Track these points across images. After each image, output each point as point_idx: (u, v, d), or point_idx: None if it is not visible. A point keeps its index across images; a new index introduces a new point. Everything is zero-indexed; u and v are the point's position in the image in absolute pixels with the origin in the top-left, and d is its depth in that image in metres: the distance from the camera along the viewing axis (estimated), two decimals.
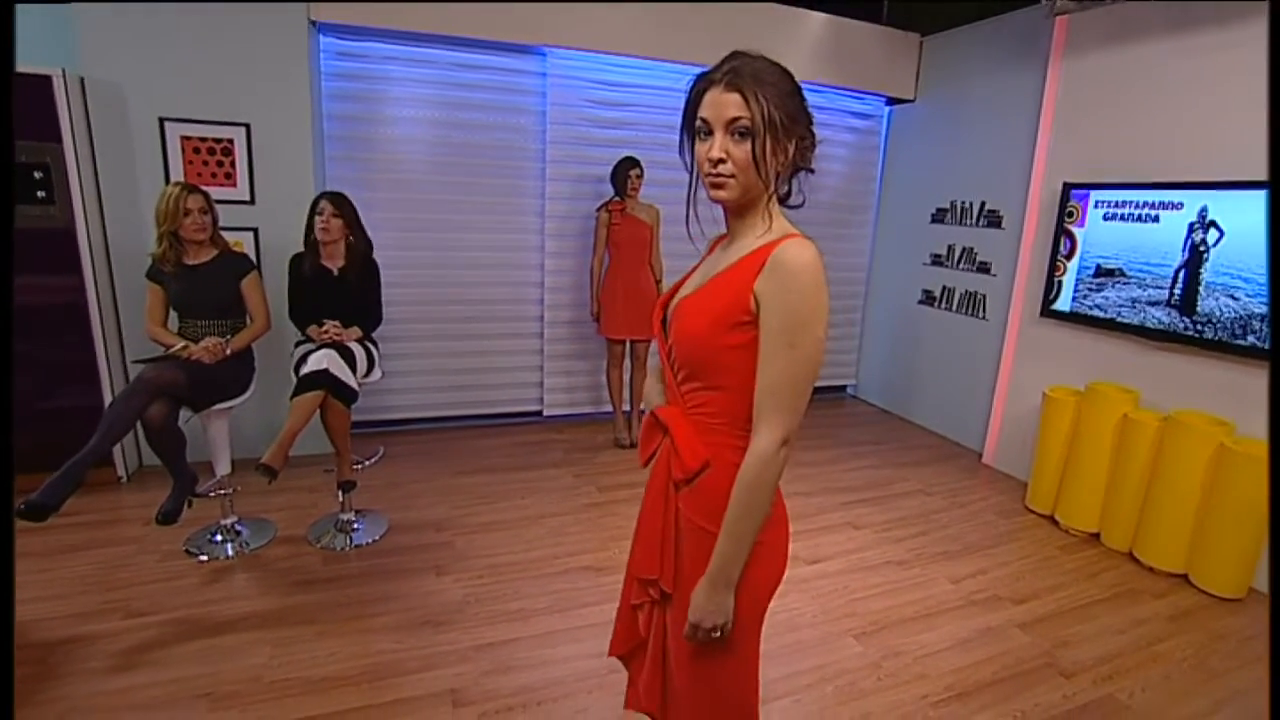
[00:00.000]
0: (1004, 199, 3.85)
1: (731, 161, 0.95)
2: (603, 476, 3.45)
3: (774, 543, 1.06)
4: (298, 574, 2.45)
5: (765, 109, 0.93)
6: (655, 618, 1.16)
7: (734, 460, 0.99)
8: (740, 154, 0.94)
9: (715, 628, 1.01)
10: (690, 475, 1.04)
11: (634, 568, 1.16)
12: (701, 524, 1.04)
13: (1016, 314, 3.68)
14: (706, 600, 1.00)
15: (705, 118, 0.96)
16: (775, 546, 1.07)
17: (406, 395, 3.91)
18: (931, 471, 3.77)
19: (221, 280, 2.42)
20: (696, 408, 1.04)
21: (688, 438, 1.04)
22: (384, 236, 3.63)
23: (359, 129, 3.55)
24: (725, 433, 1.01)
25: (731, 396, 0.98)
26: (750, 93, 0.93)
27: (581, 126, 3.87)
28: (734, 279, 0.97)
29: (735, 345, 0.95)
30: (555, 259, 3.99)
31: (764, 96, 0.93)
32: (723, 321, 0.96)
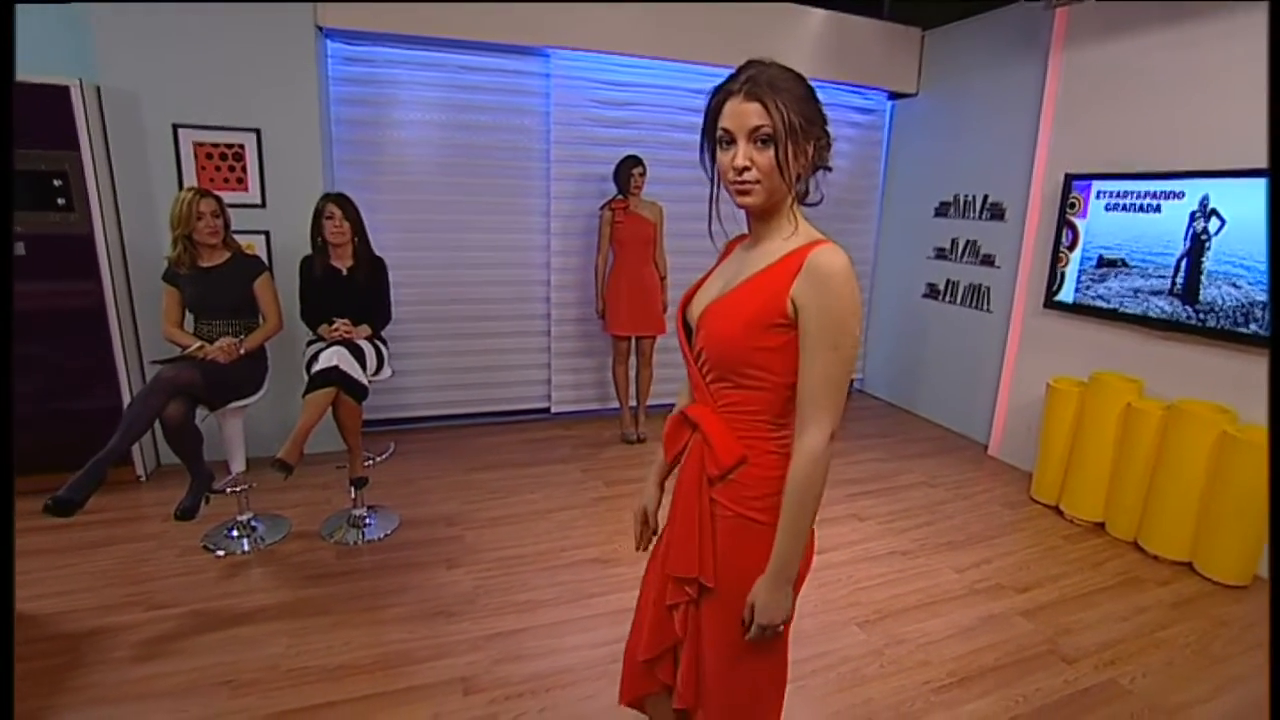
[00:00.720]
0: (1007, 191, 3.85)
1: (756, 168, 0.98)
2: (609, 471, 3.50)
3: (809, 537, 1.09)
4: (312, 568, 2.51)
5: (785, 115, 0.96)
6: (691, 616, 1.16)
7: (769, 450, 1.04)
8: (764, 161, 0.97)
9: (780, 624, 1.05)
10: (725, 470, 1.06)
11: (671, 567, 1.16)
12: (741, 512, 1.06)
13: (1020, 306, 3.69)
14: (770, 598, 1.03)
15: (727, 127, 0.99)
16: (809, 541, 1.09)
17: (417, 394, 3.98)
18: (937, 463, 3.79)
19: (235, 282, 2.49)
20: (729, 405, 1.06)
21: (722, 434, 1.06)
22: (391, 238, 3.71)
23: (366, 132, 3.61)
24: (761, 428, 1.04)
25: (766, 394, 1.02)
26: (770, 101, 0.96)
27: (585, 126, 3.91)
28: (767, 283, 1.00)
29: (770, 347, 0.99)
30: (561, 257, 4.04)
31: (782, 104, 0.96)
32: (757, 324, 0.99)
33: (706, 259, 1.26)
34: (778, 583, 1.02)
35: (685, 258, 4.08)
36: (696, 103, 4.21)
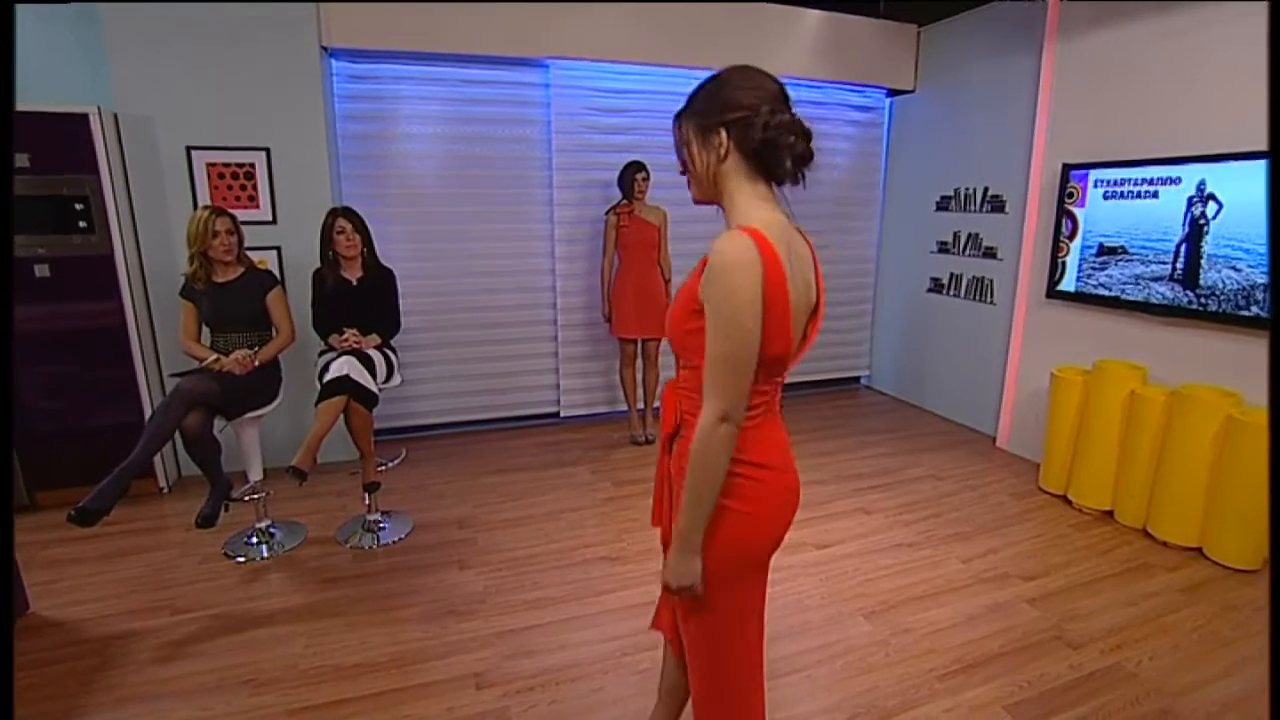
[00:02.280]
0: (1006, 183, 3.86)
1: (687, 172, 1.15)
2: (619, 472, 3.54)
3: (749, 513, 1.10)
4: (328, 572, 2.58)
5: (684, 124, 1.11)
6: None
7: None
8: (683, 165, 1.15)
9: (684, 589, 1.10)
10: (667, 437, 1.21)
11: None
12: (679, 480, 1.15)
13: (1023, 297, 3.69)
14: (673, 561, 1.10)
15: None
16: (751, 517, 1.10)
17: (428, 401, 4.06)
18: (944, 457, 3.79)
19: (249, 296, 2.57)
20: (682, 382, 1.18)
21: (669, 406, 1.21)
22: (399, 249, 3.80)
23: (372, 147, 3.70)
24: (697, 404, 1.09)
25: (698, 373, 1.07)
26: (677, 117, 1.14)
27: (586, 134, 3.98)
28: (696, 271, 1.08)
29: (694, 330, 1.06)
30: (566, 263, 4.10)
31: (685, 117, 1.11)
32: (685, 309, 1.08)
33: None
34: (679, 548, 1.08)
35: (690, 260, 4.13)
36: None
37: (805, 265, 1.09)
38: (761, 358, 1.02)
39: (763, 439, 1.11)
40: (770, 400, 1.12)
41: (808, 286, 1.08)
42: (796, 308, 1.04)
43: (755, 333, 0.99)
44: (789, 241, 1.05)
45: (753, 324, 0.98)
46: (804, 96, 4.49)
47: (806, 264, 1.10)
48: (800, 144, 1.06)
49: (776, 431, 1.15)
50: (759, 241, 0.98)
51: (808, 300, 1.09)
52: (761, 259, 0.98)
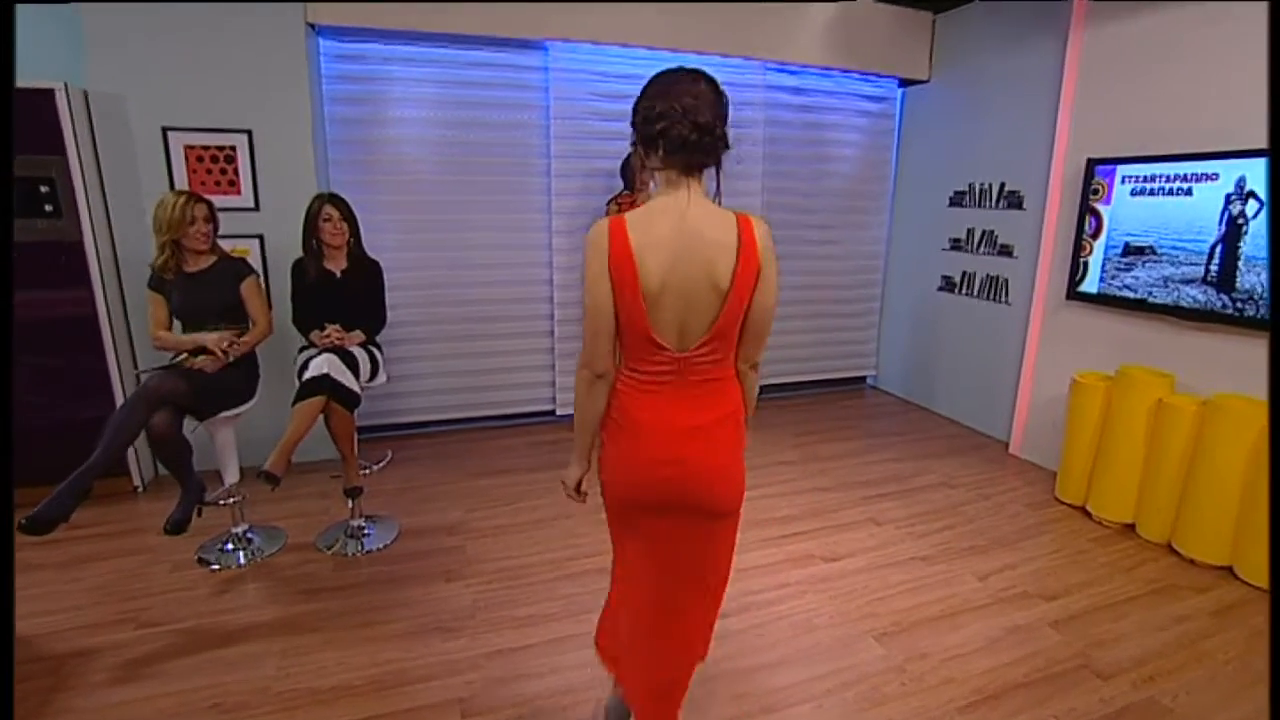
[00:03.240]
0: (1025, 179, 3.70)
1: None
2: None
3: (608, 456, 1.32)
4: (307, 582, 2.43)
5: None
6: None
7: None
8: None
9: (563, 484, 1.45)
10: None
11: None
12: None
13: (1041, 297, 3.53)
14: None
15: None
16: (609, 460, 1.31)
17: (418, 398, 3.90)
18: (956, 463, 3.65)
19: (221, 285, 2.40)
20: None
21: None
22: (389, 239, 3.62)
23: (361, 132, 3.52)
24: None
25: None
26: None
27: (586, 120, 3.81)
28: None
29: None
30: (564, 255, 3.94)
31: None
32: None
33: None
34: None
35: None
36: None
37: (710, 244, 1.17)
38: (619, 328, 1.22)
39: (642, 403, 1.25)
40: (663, 376, 1.23)
41: (702, 264, 1.17)
42: (663, 285, 1.16)
43: (601, 303, 1.19)
44: (673, 223, 1.17)
45: (599, 295, 1.19)
46: (814, 85, 4.32)
47: (714, 247, 1.18)
48: (678, 128, 1.17)
49: (665, 407, 1.24)
50: (612, 226, 1.18)
51: (704, 279, 1.17)
52: (609, 241, 1.17)
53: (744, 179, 4.17)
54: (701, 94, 1.19)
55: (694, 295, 1.17)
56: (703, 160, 1.21)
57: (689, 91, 1.18)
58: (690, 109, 1.17)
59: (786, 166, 4.30)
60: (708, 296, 1.18)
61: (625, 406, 1.26)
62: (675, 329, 1.20)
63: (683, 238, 1.17)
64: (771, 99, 4.18)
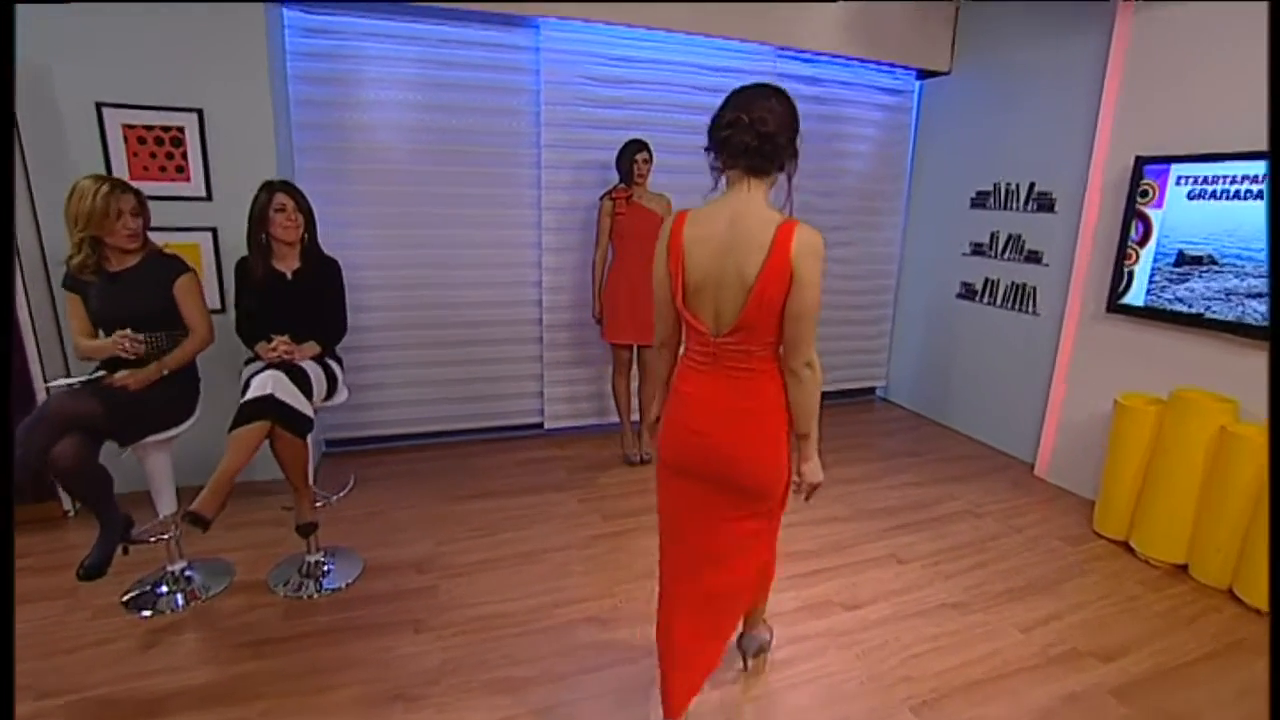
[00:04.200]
0: (1058, 179, 3.40)
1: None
2: (609, 502, 3.06)
3: (664, 416, 1.51)
4: (251, 632, 2.09)
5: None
6: None
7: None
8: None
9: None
10: None
11: None
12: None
13: (1075, 309, 3.24)
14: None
15: None
16: (664, 419, 1.51)
17: (392, 410, 3.55)
18: (979, 487, 3.35)
19: (149, 287, 2.05)
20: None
21: None
22: (362, 234, 3.28)
23: (331, 115, 3.17)
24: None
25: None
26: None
27: (580, 107, 3.47)
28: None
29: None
30: (555, 255, 3.60)
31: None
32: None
33: None
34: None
35: None
36: (707, 80, 3.77)
37: (748, 240, 1.31)
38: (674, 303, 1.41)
39: (685, 377, 1.46)
40: (703, 356, 1.41)
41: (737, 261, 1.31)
42: (705, 274, 1.34)
43: (660, 277, 1.41)
44: (726, 220, 1.33)
45: (659, 272, 1.41)
46: (829, 75, 4.00)
47: (752, 245, 1.30)
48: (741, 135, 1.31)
49: (701, 383, 1.42)
50: (677, 218, 1.39)
51: (735, 274, 1.32)
52: (671, 230, 1.38)
53: None
54: (772, 108, 1.32)
55: (725, 286, 1.33)
56: (763, 165, 1.34)
57: (761, 105, 1.31)
58: (758, 120, 1.30)
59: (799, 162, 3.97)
60: (736, 290, 1.32)
61: (676, 381, 1.49)
62: (711, 314, 1.37)
63: (731, 235, 1.33)
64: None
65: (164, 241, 2.25)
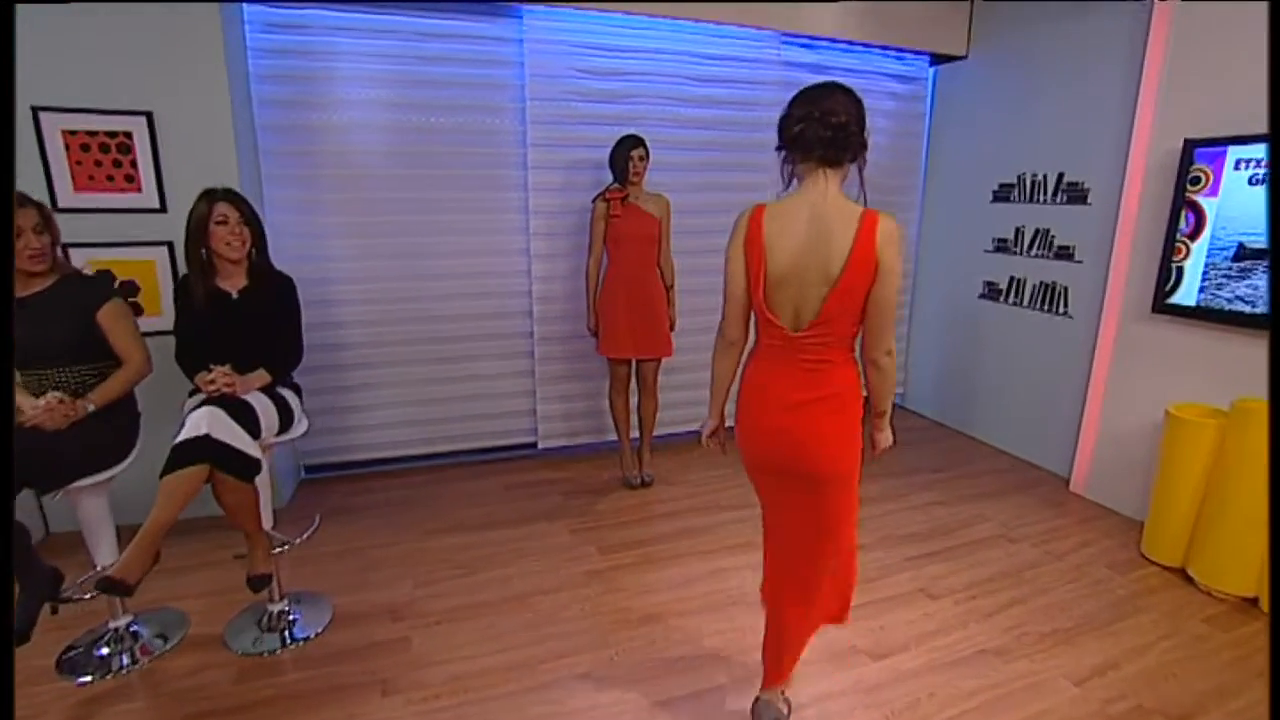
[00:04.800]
0: (1090, 168, 3.12)
1: None
2: (606, 532, 2.80)
3: (738, 415, 1.54)
4: (200, 699, 1.85)
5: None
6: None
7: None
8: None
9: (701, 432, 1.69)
10: None
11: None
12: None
13: (1114, 309, 2.95)
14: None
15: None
16: (738, 418, 1.54)
17: (375, 433, 3.31)
18: (1011, 506, 3.06)
19: (65, 315, 1.80)
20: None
21: None
22: (336, 244, 3.05)
23: (299, 115, 2.93)
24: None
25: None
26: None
27: (569, 102, 3.22)
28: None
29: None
30: (545, 262, 3.35)
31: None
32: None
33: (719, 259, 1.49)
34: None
35: (694, 259, 3.38)
36: (706, 70, 3.48)
37: (832, 233, 1.32)
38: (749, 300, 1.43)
39: (757, 374, 1.47)
40: (776, 352, 1.42)
41: (821, 255, 1.32)
42: (787, 269, 1.35)
43: (735, 274, 1.42)
44: (807, 214, 1.35)
45: (735, 272, 1.42)
46: (836, 62, 3.73)
47: (831, 236, 1.32)
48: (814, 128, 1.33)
49: (774, 380, 1.43)
50: (752, 214, 1.40)
51: (819, 268, 1.33)
52: (747, 226, 1.39)
53: (754, 170, 3.58)
54: (838, 99, 1.34)
55: (808, 282, 1.33)
56: (838, 155, 1.34)
57: (827, 97, 1.34)
58: (828, 111, 1.32)
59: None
60: (819, 285, 1.33)
61: (749, 375, 1.48)
62: (791, 310, 1.37)
63: (813, 230, 1.33)
64: (788, 77, 3.59)
65: (112, 259, 2.01)
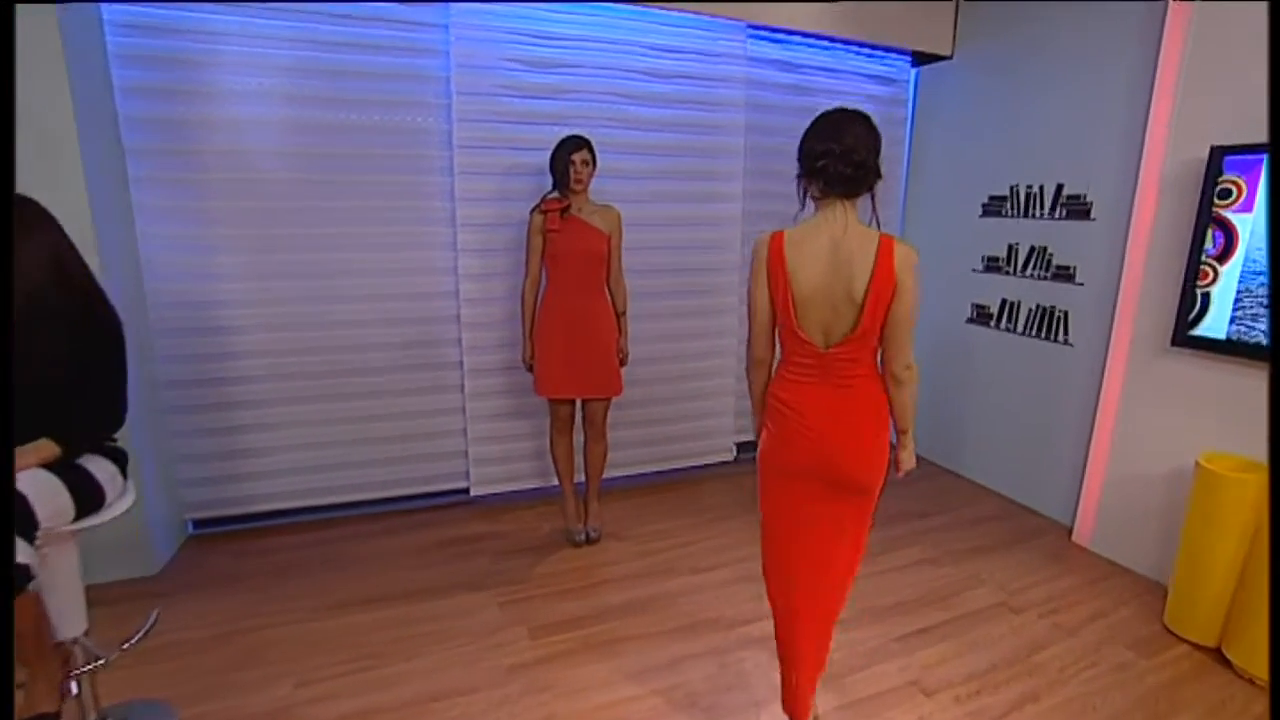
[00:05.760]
0: (1094, 179, 2.78)
1: None
2: (541, 605, 2.34)
3: (772, 432, 1.56)
4: None
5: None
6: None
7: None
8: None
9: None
10: None
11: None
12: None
13: (1124, 339, 2.60)
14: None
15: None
16: (773, 435, 1.55)
17: (278, 480, 2.81)
18: (1009, 563, 2.68)
19: None
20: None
21: None
22: (228, 262, 2.60)
23: (174, 108, 2.45)
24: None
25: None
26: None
27: (503, 97, 2.79)
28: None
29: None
30: (477, 282, 2.90)
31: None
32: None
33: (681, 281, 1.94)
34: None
35: (647, 279, 2.97)
36: (662, 64, 3.00)
37: (852, 259, 1.38)
38: (777, 325, 1.50)
39: (790, 388, 1.50)
40: (809, 368, 1.47)
41: (844, 279, 1.39)
42: (813, 292, 1.41)
43: (759, 299, 1.49)
44: (827, 242, 1.41)
45: (759, 296, 1.49)
46: (808, 59, 3.36)
47: (853, 262, 1.38)
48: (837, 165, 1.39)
49: (809, 392, 1.47)
50: (772, 241, 1.45)
51: (844, 292, 1.39)
52: (769, 252, 1.45)
53: (717, 179, 3.19)
54: (858, 133, 1.40)
55: (836, 304, 1.41)
56: (857, 190, 1.42)
57: (848, 131, 1.40)
58: (850, 149, 1.38)
59: (773, 164, 3.30)
60: (846, 306, 1.40)
61: (780, 394, 1.52)
62: (821, 330, 1.44)
63: (836, 255, 1.40)
64: (755, 75, 3.21)
65: None
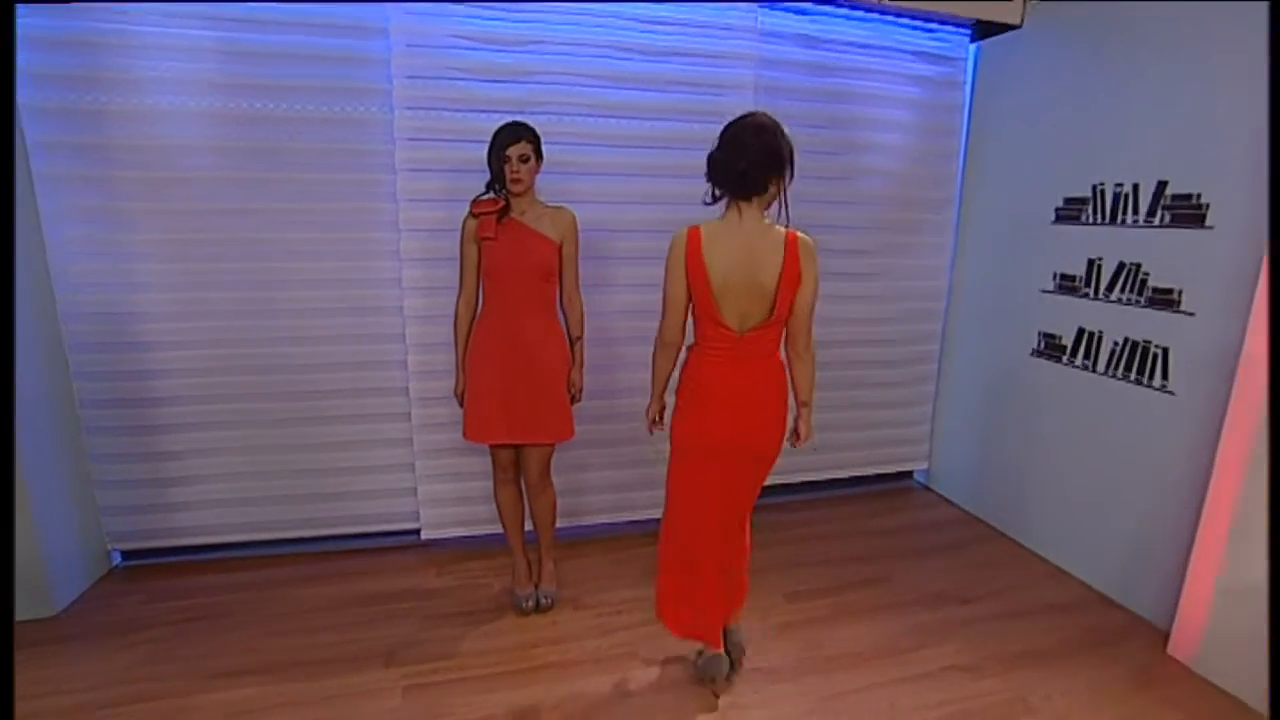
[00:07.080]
0: (1210, 173, 2.10)
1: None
2: (453, 695, 1.89)
3: (684, 406, 1.75)
4: None
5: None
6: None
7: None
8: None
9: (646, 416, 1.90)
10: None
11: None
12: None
13: (1253, 388, 1.90)
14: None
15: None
16: (681, 410, 1.75)
17: (205, 511, 2.52)
18: (1077, 684, 2.02)
19: None
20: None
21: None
22: (151, 270, 2.36)
23: (83, 96, 2.19)
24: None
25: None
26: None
27: (452, 80, 2.38)
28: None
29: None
30: (424, 296, 2.51)
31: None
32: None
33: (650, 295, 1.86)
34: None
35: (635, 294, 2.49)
36: (653, 41, 2.47)
37: (761, 254, 1.60)
38: (695, 312, 1.68)
39: (709, 370, 1.69)
40: (724, 351, 1.66)
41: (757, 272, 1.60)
42: (729, 284, 1.60)
43: (677, 289, 1.65)
44: (740, 238, 1.61)
45: (676, 285, 1.65)
46: (837, 33, 2.80)
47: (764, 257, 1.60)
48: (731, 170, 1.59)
49: (726, 372, 1.67)
50: (690, 234, 1.62)
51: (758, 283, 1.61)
52: (686, 246, 1.62)
53: None
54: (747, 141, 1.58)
55: (749, 293, 1.61)
56: (749, 192, 1.60)
57: (738, 139, 1.58)
58: (736, 156, 1.58)
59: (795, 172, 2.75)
60: (760, 296, 1.61)
61: (697, 372, 1.70)
62: (738, 316, 1.64)
63: (748, 251, 1.60)
64: (769, 53, 2.68)
65: None
